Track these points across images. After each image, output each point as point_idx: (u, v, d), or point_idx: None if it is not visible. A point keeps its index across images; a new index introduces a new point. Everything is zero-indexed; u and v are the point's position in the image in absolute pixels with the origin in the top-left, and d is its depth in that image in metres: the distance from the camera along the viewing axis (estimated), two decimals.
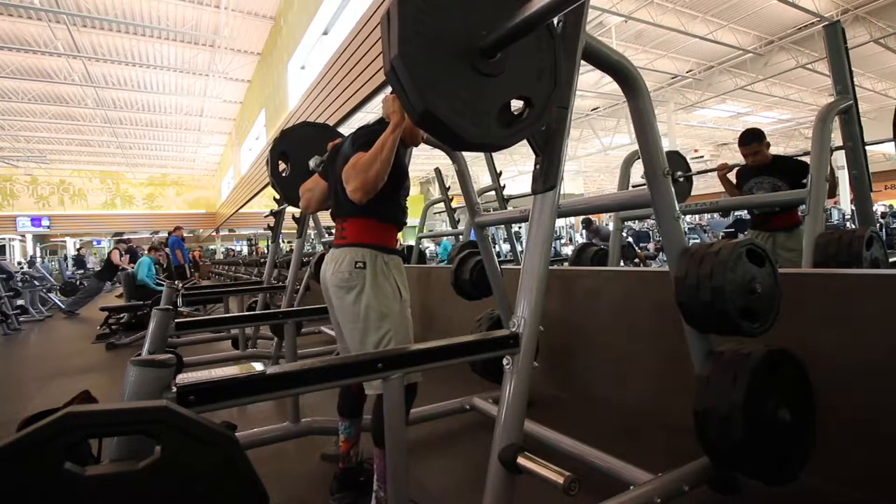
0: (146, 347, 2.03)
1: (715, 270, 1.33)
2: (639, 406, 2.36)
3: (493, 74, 0.86)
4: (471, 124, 0.85)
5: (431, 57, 0.78)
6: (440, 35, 0.79)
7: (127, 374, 0.94)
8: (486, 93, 0.86)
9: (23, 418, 0.88)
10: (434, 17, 0.78)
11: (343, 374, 1.16)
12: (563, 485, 1.05)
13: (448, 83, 0.81)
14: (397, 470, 1.22)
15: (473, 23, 0.82)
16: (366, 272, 1.51)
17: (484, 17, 0.84)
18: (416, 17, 0.76)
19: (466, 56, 0.82)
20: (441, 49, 0.80)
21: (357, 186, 1.43)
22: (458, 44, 0.81)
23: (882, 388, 1.55)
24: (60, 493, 0.64)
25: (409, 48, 0.74)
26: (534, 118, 0.92)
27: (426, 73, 0.77)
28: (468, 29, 0.82)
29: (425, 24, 0.77)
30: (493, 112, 0.87)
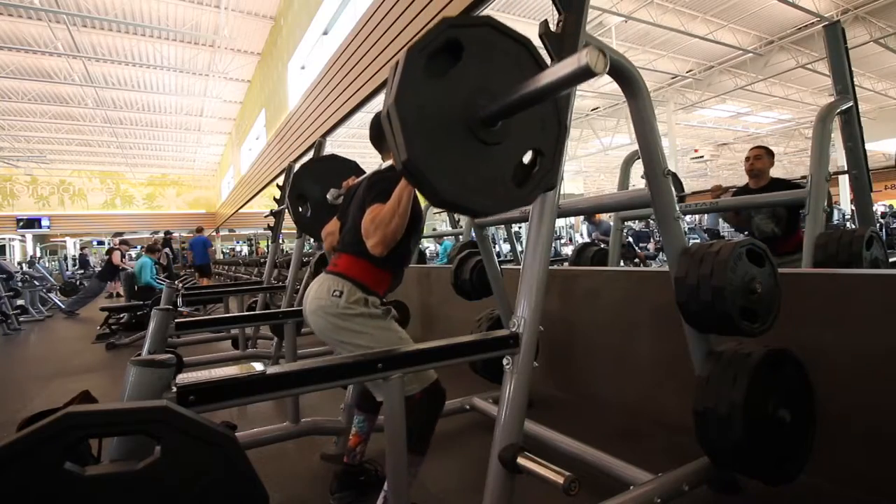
0: (146, 347, 2.03)
1: (715, 270, 1.33)
2: (639, 406, 2.36)
3: (498, 142, 0.84)
4: (486, 197, 0.84)
5: (437, 146, 0.76)
6: (442, 120, 0.78)
7: (127, 374, 0.94)
8: (495, 161, 0.85)
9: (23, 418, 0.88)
10: (433, 103, 0.76)
11: (343, 374, 1.16)
12: (562, 485, 1.05)
13: (457, 164, 0.80)
14: (397, 470, 1.22)
15: (471, 96, 0.80)
16: (340, 301, 1.50)
17: (481, 88, 0.82)
18: (419, 114, 0.74)
19: (469, 131, 0.81)
20: (445, 134, 0.78)
21: (377, 242, 1.44)
22: (460, 122, 0.80)
23: (882, 387, 1.55)
24: (60, 493, 0.64)
25: (415, 150, 0.74)
26: (547, 168, 0.89)
27: (436, 164, 0.76)
28: (466, 103, 0.80)
29: (427, 115, 0.75)
30: (505, 178, 0.86)
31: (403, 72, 0.72)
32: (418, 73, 0.73)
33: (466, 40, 0.78)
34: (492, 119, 0.81)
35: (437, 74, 0.76)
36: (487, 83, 0.81)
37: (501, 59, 0.83)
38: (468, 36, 0.78)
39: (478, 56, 0.79)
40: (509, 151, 0.86)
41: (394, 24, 4.08)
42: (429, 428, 1.50)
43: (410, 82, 0.72)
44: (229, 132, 16.95)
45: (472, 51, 0.78)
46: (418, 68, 0.73)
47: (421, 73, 0.74)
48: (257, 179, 11.46)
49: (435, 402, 1.53)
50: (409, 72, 0.72)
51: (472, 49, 0.78)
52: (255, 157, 12.28)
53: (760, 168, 2.95)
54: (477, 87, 0.80)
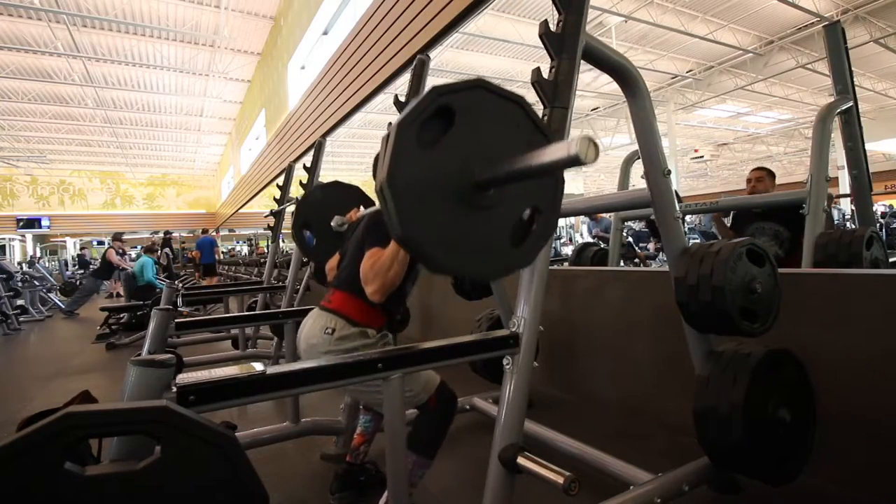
0: (146, 347, 2.03)
1: (715, 270, 1.33)
2: (639, 406, 2.36)
3: (493, 205, 0.82)
4: (484, 264, 0.83)
5: (432, 218, 0.75)
6: (436, 190, 0.76)
7: (127, 374, 0.94)
8: (492, 225, 0.83)
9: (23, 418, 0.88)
10: (426, 174, 0.75)
11: (343, 374, 1.16)
12: (562, 485, 1.05)
13: (453, 233, 0.79)
14: (397, 470, 1.22)
15: (464, 163, 0.78)
16: (331, 338, 1.50)
17: (475, 153, 0.79)
18: (412, 188, 0.73)
19: (463, 198, 0.78)
20: (440, 204, 0.76)
21: (376, 289, 1.45)
22: (454, 190, 0.78)
23: (882, 387, 1.55)
24: (60, 493, 0.64)
25: (410, 224, 0.73)
26: (545, 223, 0.87)
27: (431, 236, 0.75)
28: (460, 170, 0.78)
29: (420, 187, 0.74)
30: (503, 240, 0.84)
31: (395, 146, 0.70)
32: (410, 145, 0.72)
33: (458, 105, 0.76)
34: (486, 185, 0.79)
35: (430, 144, 0.74)
36: (481, 146, 0.79)
37: (494, 120, 0.81)
38: (459, 100, 0.76)
39: (470, 120, 0.78)
40: (506, 213, 0.84)
41: (394, 24, 4.08)
42: (441, 435, 1.50)
43: (402, 156, 0.71)
44: (229, 132, 16.95)
45: (464, 115, 0.77)
46: (410, 140, 0.71)
47: (412, 144, 0.72)
48: (257, 179, 11.46)
49: (448, 409, 1.53)
50: (400, 145, 0.70)
51: (464, 113, 0.77)
52: (255, 157, 12.27)
53: (762, 190, 2.92)
54: (470, 152, 0.78)
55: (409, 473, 1.42)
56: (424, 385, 1.48)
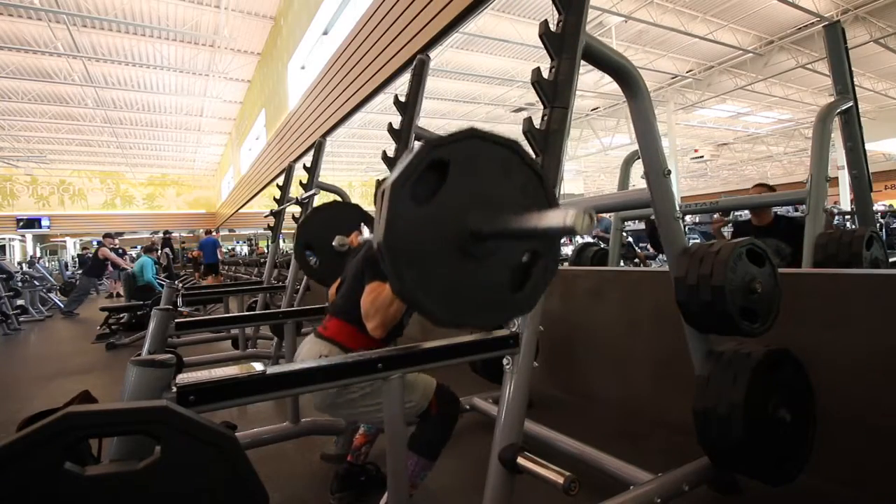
0: (146, 347, 2.04)
1: (715, 270, 1.33)
2: (639, 406, 2.36)
3: (492, 254, 0.81)
4: (485, 313, 0.83)
5: (430, 273, 0.75)
6: (434, 245, 0.76)
7: (127, 374, 0.94)
8: (491, 273, 0.82)
9: (23, 418, 0.88)
10: (423, 230, 0.75)
11: (343, 374, 1.16)
12: (562, 485, 1.05)
13: (452, 286, 0.78)
14: (397, 470, 1.22)
15: (461, 214, 0.78)
16: None
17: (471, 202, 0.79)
18: (409, 245, 0.73)
19: (461, 249, 0.78)
20: (438, 258, 0.76)
21: (377, 325, 1.44)
22: (452, 242, 0.77)
23: (882, 387, 1.55)
24: (60, 493, 0.64)
25: (408, 281, 0.73)
26: (545, 266, 0.87)
27: (430, 291, 0.75)
28: (457, 221, 0.77)
29: (418, 243, 0.74)
30: (503, 287, 0.84)
31: (390, 206, 0.70)
32: (405, 204, 0.72)
33: (451, 157, 0.76)
34: (483, 237, 0.79)
35: (425, 199, 0.74)
36: (477, 196, 0.79)
37: (489, 167, 0.81)
38: (452, 152, 0.76)
39: (464, 170, 0.77)
40: (504, 260, 0.84)
41: (394, 24, 4.08)
42: (444, 437, 1.50)
43: (398, 215, 0.71)
44: (229, 132, 16.94)
45: (458, 166, 0.76)
46: (405, 198, 0.71)
47: (408, 202, 0.72)
48: (257, 179, 11.46)
49: (450, 413, 1.53)
50: (396, 204, 0.70)
51: (458, 164, 0.76)
52: (255, 157, 12.27)
53: (764, 216, 2.89)
54: (467, 203, 0.78)
55: (410, 474, 1.42)
56: (423, 392, 1.48)
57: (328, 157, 6.07)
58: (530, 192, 0.84)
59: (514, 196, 0.81)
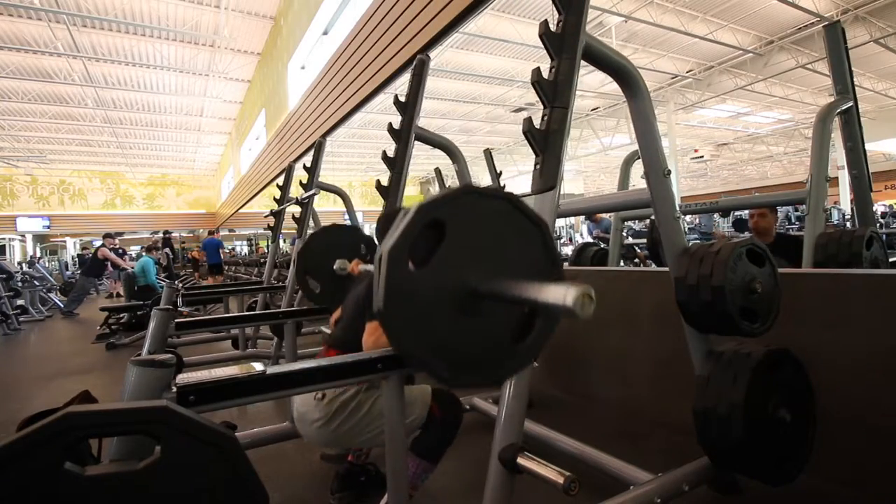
0: (146, 347, 2.03)
1: (715, 270, 1.33)
2: (639, 406, 2.36)
3: (493, 309, 0.81)
4: (492, 370, 0.82)
5: (431, 334, 0.75)
6: (434, 306, 0.75)
7: (127, 374, 0.94)
8: (492, 327, 0.81)
9: (23, 418, 0.88)
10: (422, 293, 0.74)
11: (343, 374, 1.16)
12: (562, 485, 1.05)
13: (454, 345, 0.78)
14: (397, 470, 1.22)
15: (460, 271, 0.77)
16: (321, 404, 1.48)
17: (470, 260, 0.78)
18: (409, 309, 0.73)
19: (462, 307, 0.78)
20: (438, 318, 0.76)
21: None
22: (451, 301, 0.77)
23: (882, 387, 1.55)
24: (60, 493, 0.64)
25: (410, 345, 0.73)
26: (546, 321, 0.86)
27: (432, 352, 0.76)
28: (456, 280, 0.77)
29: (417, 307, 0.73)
30: (504, 340, 0.83)
31: (388, 273, 0.69)
32: (403, 269, 0.72)
33: (447, 216, 0.75)
34: (483, 296, 0.78)
35: (423, 261, 0.74)
36: (476, 252, 0.79)
37: (486, 222, 0.80)
38: (448, 212, 0.75)
39: (461, 228, 0.77)
40: (505, 315, 0.83)
41: (394, 24, 4.08)
42: (447, 440, 1.51)
43: (396, 282, 0.71)
44: (229, 132, 16.94)
45: (454, 225, 0.76)
46: (402, 263, 0.71)
47: (405, 267, 0.72)
48: (257, 179, 11.46)
49: (454, 414, 1.53)
50: (393, 271, 0.70)
51: (455, 223, 0.76)
52: (255, 157, 12.27)
53: (765, 227, 2.86)
54: (466, 260, 0.77)
55: (412, 476, 1.43)
56: (422, 403, 1.48)
57: (328, 157, 6.07)
58: (530, 244, 0.82)
59: (514, 248, 0.80)
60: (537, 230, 0.84)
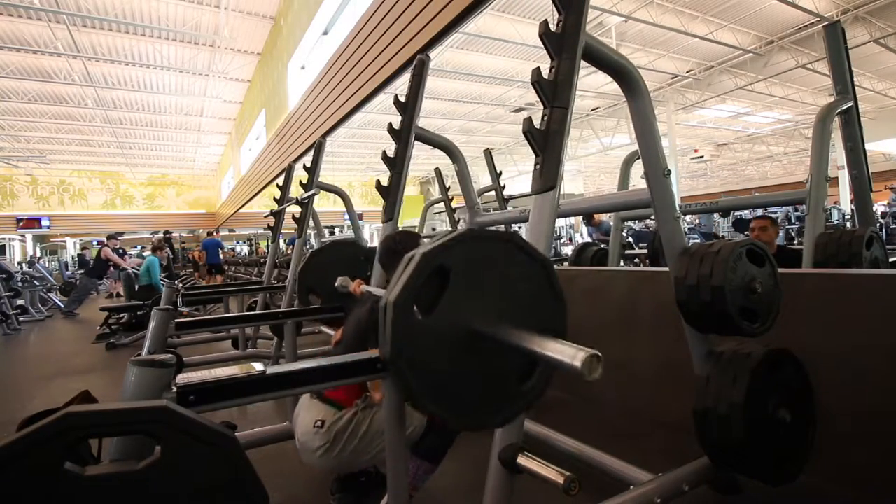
0: (146, 347, 2.04)
1: (715, 270, 1.33)
2: (639, 406, 2.36)
3: (499, 350, 0.80)
4: (499, 412, 0.82)
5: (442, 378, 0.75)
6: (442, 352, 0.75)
7: (127, 374, 0.94)
8: (500, 367, 0.81)
9: (23, 418, 0.88)
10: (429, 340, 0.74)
11: (343, 374, 1.16)
12: (562, 485, 1.04)
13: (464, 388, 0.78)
14: (397, 471, 1.21)
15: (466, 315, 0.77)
16: (320, 432, 1.48)
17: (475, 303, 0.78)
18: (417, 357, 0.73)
19: (469, 349, 0.77)
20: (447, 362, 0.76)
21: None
22: (459, 345, 0.77)
23: (882, 387, 1.55)
24: (60, 493, 0.64)
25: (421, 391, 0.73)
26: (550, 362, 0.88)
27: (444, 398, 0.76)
28: (463, 323, 0.76)
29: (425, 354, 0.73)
30: (511, 379, 0.82)
31: (394, 323, 0.69)
32: (408, 318, 0.71)
33: (452, 263, 0.75)
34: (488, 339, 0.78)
35: (428, 309, 0.74)
36: (481, 294, 0.78)
37: (490, 264, 0.80)
38: (451, 257, 0.75)
39: (466, 272, 0.76)
40: (512, 354, 0.82)
41: (394, 24, 4.08)
42: (448, 442, 1.51)
43: (403, 331, 0.71)
44: (229, 132, 16.93)
45: (459, 270, 0.75)
46: (408, 313, 0.71)
47: (411, 316, 0.72)
48: (257, 179, 11.46)
49: None
50: (399, 321, 0.70)
51: (459, 268, 0.75)
52: (255, 157, 12.27)
53: (766, 241, 2.87)
54: (471, 304, 0.77)
55: (412, 478, 1.43)
56: (419, 414, 1.48)
57: (328, 157, 6.07)
58: (535, 281, 0.82)
59: (518, 288, 0.80)
60: (541, 268, 0.83)
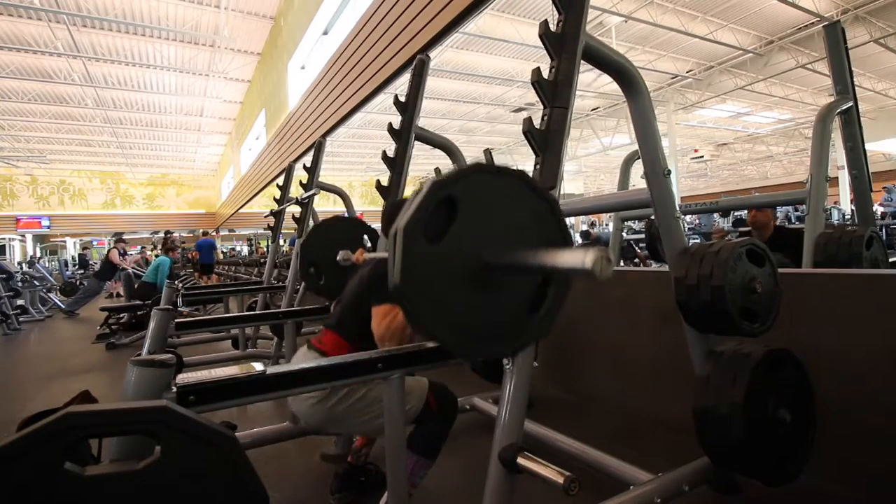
0: (146, 347, 2.03)
1: (715, 270, 1.33)
2: (639, 406, 2.36)
3: (506, 282, 0.82)
4: (508, 342, 0.84)
5: (449, 309, 0.76)
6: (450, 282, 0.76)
7: (127, 374, 0.94)
8: (508, 300, 0.83)
9: (23, 418, 0.88)
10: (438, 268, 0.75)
11: (343, 373, 1.16)
12: (562, 485, 1.05)
13: (472, 320, 0.79)
14: (397, 470, 1.22)
15: (474, 247, 0.78)
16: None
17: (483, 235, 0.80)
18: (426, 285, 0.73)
19: (478, 281, 0.79)
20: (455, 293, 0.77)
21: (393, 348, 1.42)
22: (467, 276, 0.78)
23: (882, 387, 1.55)
24: (60, 493, 0.64)
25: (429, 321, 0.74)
26: (560, 288, 0.87)
27: (452, 329, 0.77)
28: (471, 255, 0.78)
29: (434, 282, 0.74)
30: (520, 311, 0.84)
31: (403, 248, 0.70)
32: (418, 244, 0.72)
33: (460, 194, 0.76)
34: (497, 269, 0.80)
35: (437, 237, 0.75)
36: (489, 227, 0.80)
37: (498, 198, 0.81)
38: (461, 189, 0.77)
39: (474, 204, 0.78)
40: (519, 285, 0.84)
41: (394, 24, 4.08)
42: (442, 436, 1.50)
43: (412, 258, 0.71)
44: (229, 132, 16.94)
45: (467, 202, 0.77)
46: (418, 239, 0.72)
47: (421, 242, 0.73)
48: (257, 179, 11.46)
49: (450, 408, 1.53)
50: (409, 247, 0.71)
51: (467, 200, 0.77)
52: (255, 157, 12.27)
53: (763, 221, 2.87)
54: (479, 236, 0.79)
55: (409, 474, 1.42)
56: (419, 394, 1.48)
57: (328, 157, 6.07)
58: (541, 220, 0.84)
59: (525, 225, 0.82)
60: (548, 207, 0.84)
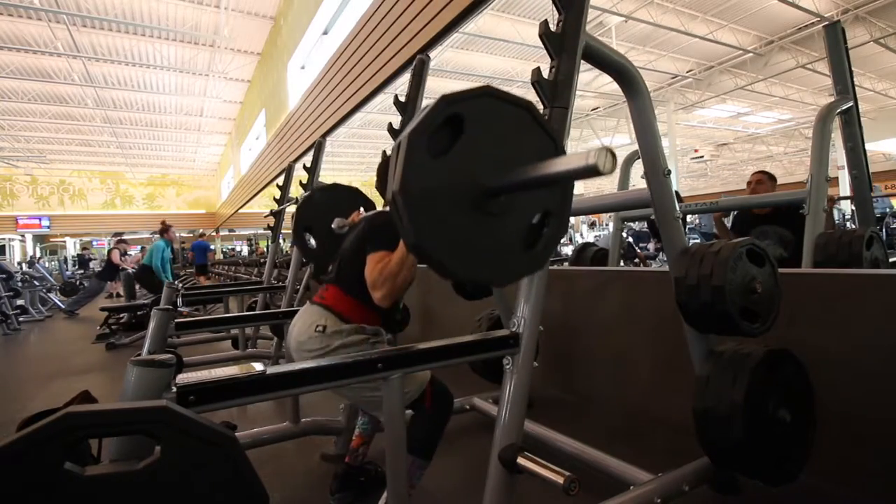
0: (146, 347, 2.04)
1: (715, 270, 1.32)
2: (639, 406, 2.36)
3: (505, 210, 0.82)
4: (497, 270, 0.83)
5: (444, 226, 0.76)
6: (448, 199, 0.76)
7: (127, 374, 0.94)
8: (504, 230, 0.82)
9: (23, 418, 0.88)
10: (437, 183, 0.75)
11: (343, 373, 1.16)
12: (562, 485, 1.05)
13: (466, 241, 0.78)
14: (397, 471, 1.22)
15: (475, 170, 0.78)
16: (322, 336, 1.45)
17: (485, 160, 0.80)
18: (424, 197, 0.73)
19: (476, 205, 0.78)
20: (452, 212, 0.77)
21: (385, 294, 1.43)
22: (466, 197, 0.77)
23: (882, 387, 1.55)
24: (60, 493, 0.64)
25: (423, 233, 0.73)
26: (556, 226, 0.88)
27: (444, 245, 0.76)
28: (471, 177, 0.78)
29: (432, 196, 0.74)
30: (515, 245, 0.84)
31: (406, 156, 0.70)
32: (421, 155, 0.72)
33: (467, 113, 0.76)
34: (497, 193, 0.80)
35: (440, 152, 0.75)
36: (491, 153, 0.80)
37: (504, 126, 0.81)
38: (468, 108, 0.77)
39: (479, 127, 0.78)
40: (518, 218, 0.84)
41: (394, 24, 4.08)
42: (437, 435, 1.49)
43: (414, 166, 0.71)
44: (229, 132, 16.95)
45: (473, 123, 0.77)
46: (421, 150, 0.72)
47: (424, 154, 0.73)
48: (257, 179, 11.47)
49: (444, 409, 1.52)
50: (412, 155, 0.71)
51: (473, 121, 0.77)
52: (255, 157, 12.28)
53: (762, 189, 2.88)
54: (481, 159, 0.79)
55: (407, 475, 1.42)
56: (419, 383, 1.47)
57: (328, 157, 6.07)
58: (543, 153, 0.84)
59: (527, 155, 0.81)
60: (552, 143, 0.84)
